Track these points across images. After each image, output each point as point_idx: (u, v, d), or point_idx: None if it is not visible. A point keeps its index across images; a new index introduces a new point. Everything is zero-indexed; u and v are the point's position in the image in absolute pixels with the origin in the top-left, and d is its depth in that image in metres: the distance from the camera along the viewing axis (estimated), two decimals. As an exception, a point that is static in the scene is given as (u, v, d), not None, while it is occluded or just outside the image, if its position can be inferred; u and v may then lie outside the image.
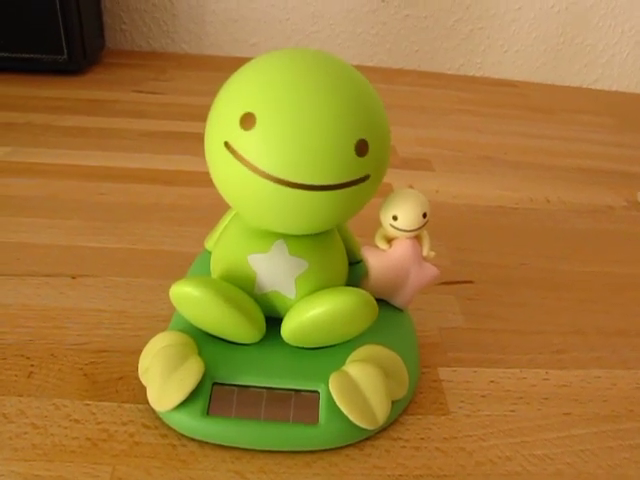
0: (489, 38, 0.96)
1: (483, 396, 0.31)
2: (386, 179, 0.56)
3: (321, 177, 0.23)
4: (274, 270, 0.27)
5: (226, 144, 0.24)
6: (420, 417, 0.29)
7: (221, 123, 0.25)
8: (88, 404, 0.29)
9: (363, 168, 0.24)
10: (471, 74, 1.00)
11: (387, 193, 0.29)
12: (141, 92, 0.78)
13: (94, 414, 0.28)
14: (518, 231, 0.49)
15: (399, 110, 0.78)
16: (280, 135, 0.23)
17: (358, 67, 0.99)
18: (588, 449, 0.29)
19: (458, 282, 0.41)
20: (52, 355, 0.32)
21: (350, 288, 0.27)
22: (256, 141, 0.23)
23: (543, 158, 0.65)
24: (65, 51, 0.80)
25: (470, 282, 0.41)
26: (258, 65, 0.25)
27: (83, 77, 0.83)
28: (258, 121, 0.23)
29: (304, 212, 0.25)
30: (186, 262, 0.39)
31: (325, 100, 0.23)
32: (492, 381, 0.32)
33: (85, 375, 0.30)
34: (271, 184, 0.24)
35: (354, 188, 0.25)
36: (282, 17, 0.98)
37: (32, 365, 0.31)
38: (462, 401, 0.31)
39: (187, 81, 0.85)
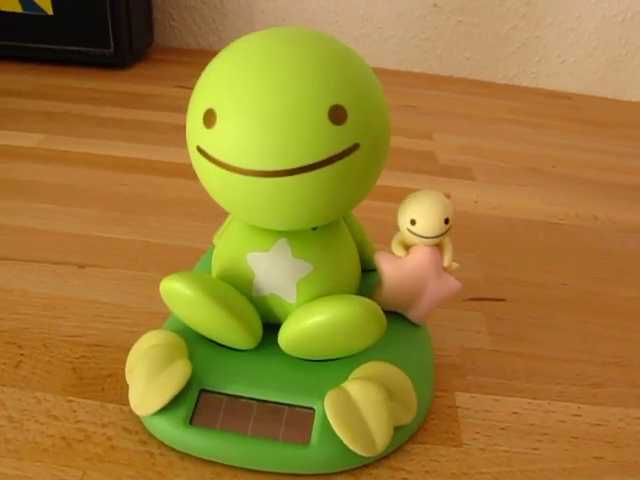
0: (545, 47, 0.91)
1: (503, 428, 0.28)
2: (420, 185, 0.53)
3: (297, 158, 0.20)
4: (274, 271, 0.25)
5: (198, 148, 0.22)
6: (428, 447, 0.26)
7: (190, 128, 0.23)
8: (71, 400, 0.27)
9: (347, 137, 0.21)
10: (524, 84, 0.95)
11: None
12: (183, 87, 0.78)
13: (75, 412, 0.26)
14: (560, 248, 0.45)
15: (444, 117, 0.75)
16: (241, 123, 0.20)
17: (406, 73, 0.96)
18: (621, 502, 0.25)
19: (488, 299, 0.37)
20: (44, 345, 0.30)
21: (356, 297, 0.24)
22: (220, 136, 0.21)
23: (595, 173, 0.60)
24: (112, 45, 0.81)
25: (502, 300, 0.37)
26: (221, 55, 0.23)
27: (128, 71, 0.83)
28: (218, 115, 0.21)
29: (294, 202, 0.22)
30: (198, 258, 0.37)
31: (286, 72, 0.20)
32: (515, 412, 0.29)
33: (74, 369, 0.29)
34: (246, 178, 0.21)
35: (344, 163, 0.21)
36: (331, 19, 0.96)
37: (22, 354, 0.29)
38: (478, 432, 0.27)
39: (229, 79, 0.84)
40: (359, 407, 0.24)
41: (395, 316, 0.29)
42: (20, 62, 0.81)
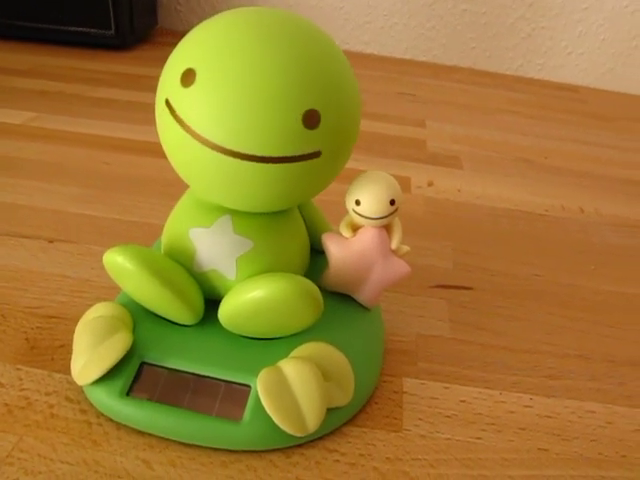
0: (552, 39, 0.89)
1: (448, 416, 0.27)
2: (405, 173, 0.52)
3: (261, 147, 0.21)
4: (214, 247, 0.25)
5: (167, 102, 0.22)
6: (366, 430, 0.26)
7: (164, 80, 0.23)
8: (19, 369, 0.27)
9: (312, 143, 0.22)
10: (530, 76, 0.93)
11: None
12: (181, 71, 0.78)
13: (21, 380, 0.27)
14: (539, 240, 0.44)
15: (441, 106, 0.74)
16: (218, 95, 0.21)
17: (410, 62, 0.95)
18: (558, 493, 0.24)
19: (454, 287, 0.37)
20: (2, 316, 0.30)
21: (293, 276, 0.24)
22: (193, 99, 0.21)
23: (588, 166, 0.59)
24: (113, 26, 0.81)
25: (469, 288, 0.37)
26: (213, 20, 0.23)
27: (129, 53, 0.83)
28: (197, 78, 0.21)
29: (246, 186, 0.22)
30: (166, 237, 0.38)
31: (273, 61, 0.21)
32: (463, 401, 0.28)
33: (27, 339, 0.29)
34: (208, 150, 0.21)
35: (302, 165, 0.22)
36: (336, 5, 0.95)
37: (-22, 323, 0.30)
38: (420, 419, 0.27)
39: (229, 63, 0.84)
40: (291, 386, 0.23)
41: (345, 299, 0.29)
42: (21, 41, 0.81)
